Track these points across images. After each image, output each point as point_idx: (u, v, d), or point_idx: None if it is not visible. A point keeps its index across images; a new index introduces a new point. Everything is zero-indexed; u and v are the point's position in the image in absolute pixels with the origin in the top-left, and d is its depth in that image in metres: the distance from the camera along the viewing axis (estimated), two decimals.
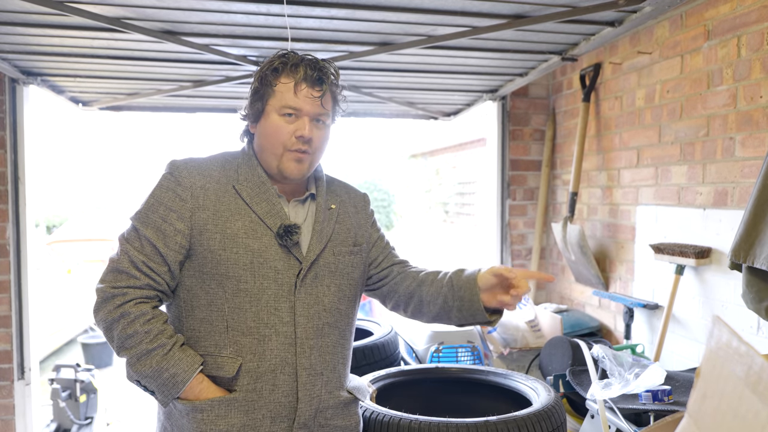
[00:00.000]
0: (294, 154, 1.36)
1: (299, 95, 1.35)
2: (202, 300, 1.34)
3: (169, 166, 1.38)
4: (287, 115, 1.35)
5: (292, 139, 1.35)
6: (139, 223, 1.33)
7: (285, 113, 1.35)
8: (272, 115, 1.36)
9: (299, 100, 1.35)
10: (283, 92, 1.36)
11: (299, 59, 1.38)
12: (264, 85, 1.37)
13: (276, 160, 1.37)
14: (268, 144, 1.37)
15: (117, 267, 1.31)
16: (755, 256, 1.85)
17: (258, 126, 1.40)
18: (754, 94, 2.18)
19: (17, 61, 2.88)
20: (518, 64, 3.13)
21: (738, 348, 0.55)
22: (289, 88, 1.35)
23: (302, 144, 1.36)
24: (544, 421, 1.57)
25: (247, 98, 1.42)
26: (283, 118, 1.36)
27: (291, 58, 1.38)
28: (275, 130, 1.36)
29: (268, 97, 1.37)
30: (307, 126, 1.35)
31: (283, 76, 1.36)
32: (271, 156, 1.38)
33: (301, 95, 1.35)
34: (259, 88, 1.38)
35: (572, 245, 3.16)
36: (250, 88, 1.41)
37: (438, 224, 9.15)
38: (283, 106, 1.35)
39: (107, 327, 1.30)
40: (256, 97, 1.38)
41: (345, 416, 1.45)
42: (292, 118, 1.36)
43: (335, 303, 1.42)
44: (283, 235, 1.34)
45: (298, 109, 1.35)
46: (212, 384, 1.33)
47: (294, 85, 1.35)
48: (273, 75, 1.37)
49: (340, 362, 1.44)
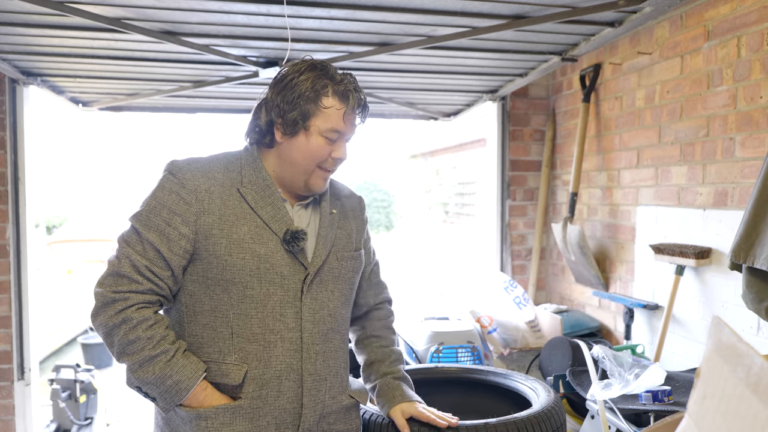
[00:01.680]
0: (324, 173, 1.38)
1: (347, 122, 1.35)
2: (205, 305, 1.32)
3: (170, 167, 1.34)
4: (330, 138, 1.35)
5: (330, 160, 1.37)
6: (140, 225, 1.29)
7: (330, 137, 1.34)
8: (316, 136, 1.33)
9: (346, 127, 1.36)
10: (332, 116, 1.33)
11: (349, 86, 1.35)
12: (308, 101, 1.31)
13: (306, 176, 1.36)
14: (303, 161, 1.35)
15: (118, 271, 1.27)
16: (755, 257, 1.85)
17: (292, 140, 1.34)
18: (754, 95, 2.18)
19: (17, 62, 2.88)
20: (518, 65, 3.13)
21: (738, 348, 0.55)
22: (340, 114, 1.34)
23: (336, 164, 1.39)
24: (544, 422, 1.57)
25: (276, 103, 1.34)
26: (325, 140, 1.34)
27: (336, 76, 1.35)
28: (316, 150, 1.34)
29: (312, 116, 1.32)
30: (344, 148, 1.38)
31: (333, 98, 1.33)
32: (302, 172, 1.36)
33: (349, 122, 1.36)
34: (301, 102, 1.31)
35: (572, 246, 3.16)
36: (283, 95, 1.33)
37: (438, 224, 9.15)
38: (331, 129, 1.33)
39: (107, 332, 1.26)
40: (297, 111, 1.31)
41: (347, 421, 1.45)
42: (333, 140, 1.36)
43: (338, 308, 1.42)
44: (290, 240, 1.33)
45: (343, 133, 1.36)
46: (216, 391, 1.31)
47: (344, 113, 1.34)
48: (320, 93, 1.32)
49: (342, 367, 1.45)
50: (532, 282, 3.76)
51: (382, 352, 1.57)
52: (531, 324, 3.07)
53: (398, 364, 1.57)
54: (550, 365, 2.57)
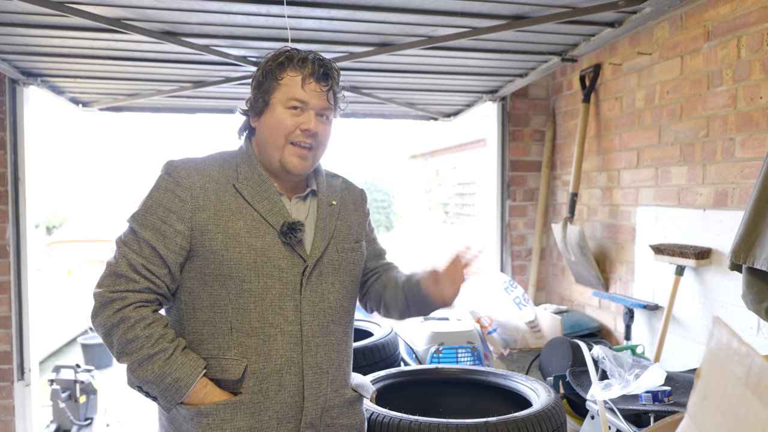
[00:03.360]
0: (296, 149, 1.35)
1: (306, 89, 1.34)
2: (204, 302, 1.32)
3: (166, 167, 1.35)
4: (293, 108, 1.34)
5: (297, 132, 1.35)
6: (137, 225, 1.30)
7: (291, 106, 1.34)
8: (277, 107, 1.35)
9: (306, 94, 1.34)
10: (290, 85, 1.35)
11: (306, 54, 1.37)
12: (269, 78, 1.36)
13: (278, 152, 1.35)
14: (271, 137, 1.36)
15: (115, 271, 1.27)
16: (755, 257, 1.85)
17: (261, 119, 1.38)
18: (754, 95, 2.18)
19: (17, 62, 2.88)
20: (518, 65, 3.13)
21: (738, 349, 0.55)
22: (297, 81, 1.34)
23: (306, 137, 1.35)
24: (544, 421, 1.57)
25: (250, 94, 1.40)
26: (288, 111, 1.34)
27: (297, 53, 1.37)
28: (280, 122, 1.34)
29: (273, 90, 1.35)
30: (312, 119, 1.35)
31: (290, 69, 1.35)
32: (274, 149, 1.36)
33: (309, 89, 1.35)
34: (263, 81, 1.36)
35: (572, 246, 3.16)
36: (252, 83, 1.40)
37: (438, 225, 9.15)
38: (290, 98, 1.34)
39: (106, 332, 1.27)
40: (260, 90, 1.37)
41: (350, 415, 1.44)
42: (298, 111, 1.35)
43: (339, 300, 1.42)
44: (287, 232, 1.33)
45: (305, 102, 1.35)
46: (216, 387, 1.30)
47: (302, 79, 1.34)
48: (279, 68, 1.36)
49: (344, 360, 1.44)
50: (532, 282, 3.76)
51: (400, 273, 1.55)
52: (531, 324, 3.07)
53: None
54: (550, 366, 2.57)
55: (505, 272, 3.78)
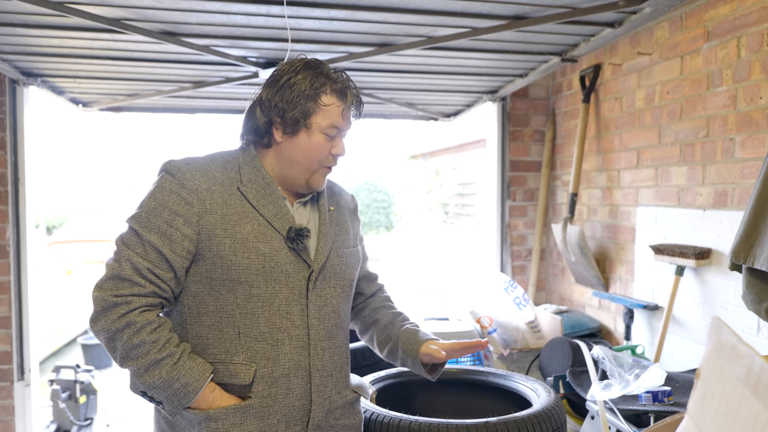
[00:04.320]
0: (326, 170, 1.40)
1: (345, 119, 1.37)
2: (210, 306, 1.30)
3: (167, 167, 1.32)
4: (330, 135, 1.36)
5: (329, 157, 1.38)
6: (140, 227, 1.26)
7: (331, 133, 1.36)
8: (317, 133, 1.34)
9: (345, 123, 1.38)
10: (332, 114, 1.34)
11: (345, 83, 1.37)
12: (308, 99, 1.32)
13: (308, 174, 1.37)
14: (304, 160, 1.35)
15: (118, 274, 1.24)
16: (755, 257, 1.85)
17: (293, 139, 1.35)
18: (754, 95, 2.18)
19: (17, 62, 2.88)
20: (518, 65, 3.13)
21: (738, 349, 0.55)
22: (339, 111, 1.35)
23: (335, 162, 1.41)
24: (544, 422, 1.57)
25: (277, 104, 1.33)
26: (325, 137, 1.36)
27: (332, 75, 1.36)
28: (318, 148, 1.35)
29: (312, 113, 1.33)
30: (342, 145, 1.39)
31: (332, 96, 1.34)
32: (304, 171, 1.37)
33: (347, 119, 1.38)
34: (301, 101, 1.32)
35: (572, 246, 3.16)
36: (281, 94, 1.33)
37: (438, 225, 9.15)
38: (331, 126, 1.35)
39: (109, 337, 1.24)
40: (297, 109, 1.32)
41: (351, 415, 1.46)
42: (332, 137, 1.37)
43: (341, 304, 1.43)
44: (294, 238, 1.32)
45: (341, 130, 1.38)
46: (223, 392, 1.30)
47: (343, 110, 1.36)
48: (320, 92, 1.33)
49: (345, 362, 1.46)
50: (532, 282, 3.76)
51: (392, 314, 1.61)
52: (531, 324, 3.07)
53: (409, 321, 1.60)
54: (550, 366, 2.57)
55: (505, 272, 3.78)
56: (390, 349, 1.55)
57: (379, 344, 1.59)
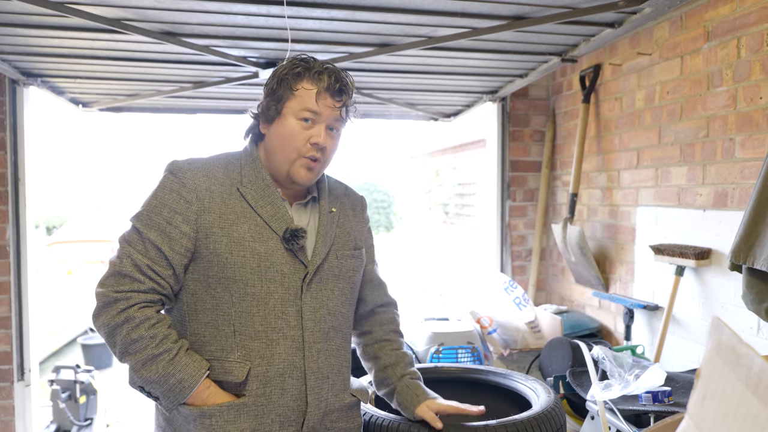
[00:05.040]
0: (306, 161, 1.35)
1: (320, 102, 1.34)
2: (207, 304, 1.32)
3: (170, 167, 1.35)
4: (305, 120, 1.34)
5: (307, 146, 1.35)
6: (141, 225, 1.30)
7: (303, 117, 1.34)
8: (289, 118, 1.34)
9: (319, 107, 1.34)
10: (304, 97, 1.34)
11: (323, 67, 1.36)
12: (283, 86, 1.34)
13: (287, 164, 1.36)
14: (281, 147, 1.36)
15: (119, 270, 1.27)
16: (755, 257, 1.85)
17: (271, 127, 1.37)
18: (754, 95, 2.18)
19: (17, 63, 2.88)
20: (518, 66, 3.13)
21: (738, 349, 0.55)
22: (311, 94, 1.34)
23: (315, 151, 1.35)
24: (544, 423, 1.56)
25: (261, 98, 1.39)
26: (300, 123, 1.34)
27: (314, 64, 1.36)
28: (291, 134, 1.34)
29: (286, 99, 1.34)
30: (322, 133, 1.35)
31: (306, 81, 1.34)
32: (283, 160, 1.36)
33: (322, 103, 1.34)
34: (277, 89, 1.35)
35: (572, 246, 3.16)
36: (266, 88, 1.39)
37: (438, 225, 9.15)
38: (303, 109, 1.33)
39: (109, 332, 1.27)
40: (274, 97, 1.36)
41: (349, 419, 1.45)
42: (309, 123, 1.34)
43: (339, 306, 1.42)
44: (290, 239, 1.33)
45: (317, 114, 1.34)
46: (219, 389, 1.31)
47: (317, 92, 1.34)
48: (295, 78, 1.34)
49: (344, 365, 1.45)
50: (532, 283, 3.76)
51: (395, 355, 1.57)
52: (531, 325, 3.07)
53: (412, 367, 1.58)
54: (550, 366, 2.57)
55: (505, 272, 3.78)
56: (385, 394, 1.56)
57: (376, 382, 1.58)
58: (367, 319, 1.60)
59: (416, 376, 1.56)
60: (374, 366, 1.58)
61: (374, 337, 1.59)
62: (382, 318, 1.61)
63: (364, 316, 1.60)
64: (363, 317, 1.60)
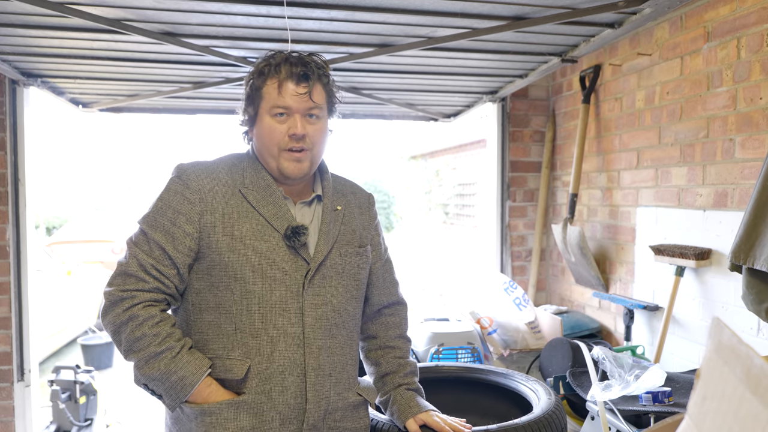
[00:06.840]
0: (291, 154, 1.37)
1: (285, 94, 1.35)
2: (210, 303, 1.34)
3: (176, 170, 1.39)
4: (278, 115, 1.36)
5: (286, 139, 1.36)
6: (147, 226, 1.33)
7: (275, 113, 1.36)
8: (265, 117, 1.37)
9: (285, 99, 1.35)
10: (270, 94, 1.37)
11: (282, 59, 1.38)
12: (253, 90, 1.39)
13: (274, 161, 1.38)
14: (264, 146, 1.39)
15: (125, 270, 1.31)
16: (755, 258, 1.85)
17: (255, 130, 1.41)
18: (754, 96, 2.18)
19: (17, 63, 2.88)
20: (518, 66, 3.13)
21: (738, 350, 0.55)
22: (274, 88, 1.36)
23: (296, 142, 1.36)
24: (545, 427, 1.56)
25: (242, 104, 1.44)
26: (274, 119, 1.37)
27: (274, 59, 1.39)
28: (269, 132, 1.37)
29: (258, 101, 1.38)
30: (298, 123, 1.36)
31: (269, 78, 1.37)
32: (270, 157, 1.39)
33: (287, 94, 1.35)
34: (250, 93, 1.40)
35: (572, 247, 3.16)
36: (244, 94, 1.44)
37: (438, 226, 9.15)
38: (272, 107, 1.36)
39: (115, 330, 1.30)
40: (248, 102, 1.40)
41: (355, 418, 1.44)
42: (284, 117, 1.36)
43: (343, 304, 1.42)
44: (291, 236, 1.35)
45: (286, 107, 1.36)
46: (220, 387, 1.32)
47: (278, 85, 1.36)
48: (260, 79, 1.38)
49: (348, 363, 1.44)
50: (532, 283, 3.76)
51: (397, 363, 1.57)
52: (531, 325, 3.07)
53: (413, 376, 1.58)
54: (550, 366, 2.57)
55: (505, 273, 3.78)
56: (381, 402, 1.57)
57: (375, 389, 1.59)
58: (373, 321, 1.60)
59: (413, 386, 1.56)
60: (375, 372, 1.59)
61: (378, 342, 1.59)
62: (389, 321, 1.61)
63: (370, 318, 1.60)
64: (369, 318, 1.60)
